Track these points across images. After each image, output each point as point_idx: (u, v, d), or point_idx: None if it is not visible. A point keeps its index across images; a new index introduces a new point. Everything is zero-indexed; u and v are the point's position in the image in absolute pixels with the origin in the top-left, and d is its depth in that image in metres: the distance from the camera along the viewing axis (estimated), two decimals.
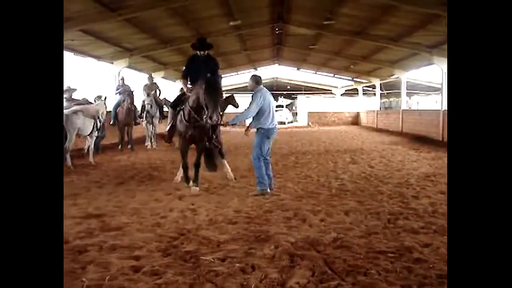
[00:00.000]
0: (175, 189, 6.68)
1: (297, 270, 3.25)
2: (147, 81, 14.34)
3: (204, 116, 6.04)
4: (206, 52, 6.97)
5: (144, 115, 13.36)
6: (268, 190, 6.29)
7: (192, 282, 3.05)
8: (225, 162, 7.62)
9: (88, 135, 9.63)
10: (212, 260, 3.48)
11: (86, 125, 9.27)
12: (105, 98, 10.88)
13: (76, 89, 10.64)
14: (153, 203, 5.71)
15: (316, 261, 3.41)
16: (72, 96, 10.24)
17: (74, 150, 9.47)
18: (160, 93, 14.78)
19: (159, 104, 14.04)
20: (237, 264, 3.36)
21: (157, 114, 13.71)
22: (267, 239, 4.03)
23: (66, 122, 8.64)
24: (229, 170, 7.57)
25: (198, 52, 6.90)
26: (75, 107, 9.13)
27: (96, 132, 9.78)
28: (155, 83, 14.88)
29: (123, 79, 13.49)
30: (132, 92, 13.00)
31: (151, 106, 13.31)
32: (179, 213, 5.14)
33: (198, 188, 6.50)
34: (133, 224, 4.67)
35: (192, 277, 3.13)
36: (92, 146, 9.90)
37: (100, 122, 9.89)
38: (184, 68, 7.21)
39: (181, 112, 6.65)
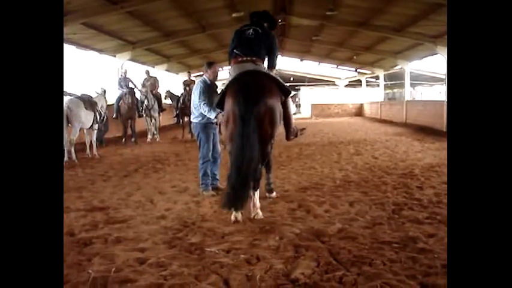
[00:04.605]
0: (179, 182, 6.69)
1: (302, 261, 3.25)
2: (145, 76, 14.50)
3: None
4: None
5: (143, 108, 13.33)
6: (210, 189, 5.78)
7: (197, 273, 3.06)
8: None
9: (89, 128, 9.65)
10: (217, 252, 3.49)
11: (87, 118, 9.30)
12: (104, 91, 10.89)
13: None
14: (158, 196, 5.73)
15: (321, 252, 3.42)
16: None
17: (78, 143, 9.49)
18: (158, 87, 14.83)
19: (157, 96, 14.05)
20: (242, 256, 3.37)
21: (156, 107, 13.69)
22: (272, 230, 4.04)
23: (71, 115, 8.67)
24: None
25: None
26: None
27: (96, 125, 9.80)
28: (154, 77, 14.90)
29: (125, 72, 13.46)
30: (129, 87, 13.00)
31: (145, 97, 13.27)
32: (184, 205, 5.16)
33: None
34: (138, 216, 4.69)
35: (197, 268, 3.15)
36: (94, 139, 9.92)
37: (100, 115, 9.91)
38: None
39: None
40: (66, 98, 8.94)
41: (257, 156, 4.23)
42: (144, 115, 13.50)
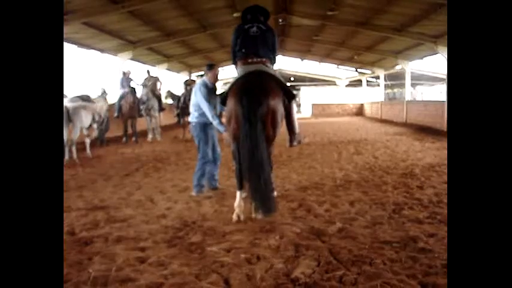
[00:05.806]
0: (180, 181, 6.70)
1: (302, 260, 3.26)
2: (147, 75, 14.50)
3: None
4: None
5: (143, 108, 13.33)
6: (204, 191, 5.72)
7: (198, 272, 3.07)
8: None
9: (87, 127, 9.67)
10: (217, 251, 3.50)
11: (87, 118, 9.36)
12: (104, 91, 10.93)
13: None
14: (158, 195, 5.74)
15: (321, 251, 3.42)
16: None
17: (79, 143, 9.50)
18: (161, 86, 14.83)
19: (157, 96, 14.07)
20: (243, 255, 3.37)
21: (156, 106, 13.69)
22: (272, 229, 4.04)
23: (73, 114, 8.70)
24: None
25: None
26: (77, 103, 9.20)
27: (95, 124, 9.84)
28: (155, 77, 14.91)
29: (128, 72, 13.46)
30: (131, 86, 13.03)
31: (147, 98, 13.27)
32: (184, 205, 5.16)
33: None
34: (139, 215, 4.70)
35: (198, 268, 3.15)
36: (88, 140, 9.93)
37: (99, 115, 9.96)
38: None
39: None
40: (66, 98, 8.99)
41: (266, 156, 4.19)
42: (145, 114, 13.51)
